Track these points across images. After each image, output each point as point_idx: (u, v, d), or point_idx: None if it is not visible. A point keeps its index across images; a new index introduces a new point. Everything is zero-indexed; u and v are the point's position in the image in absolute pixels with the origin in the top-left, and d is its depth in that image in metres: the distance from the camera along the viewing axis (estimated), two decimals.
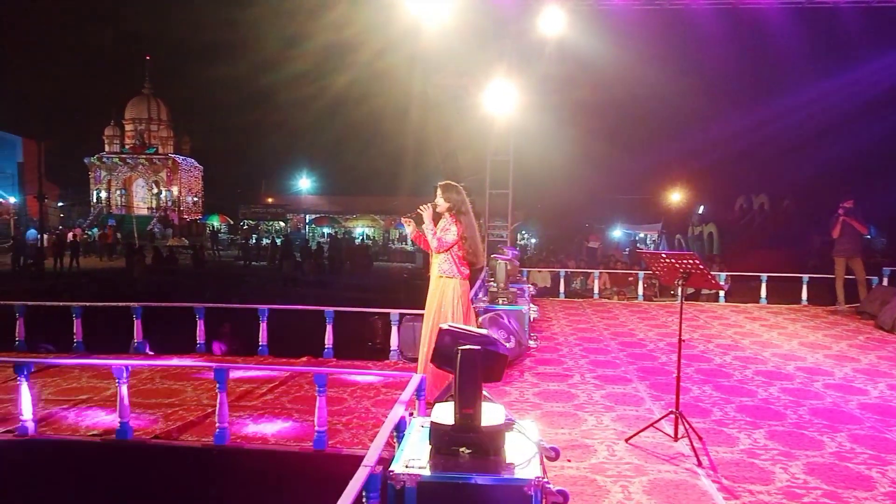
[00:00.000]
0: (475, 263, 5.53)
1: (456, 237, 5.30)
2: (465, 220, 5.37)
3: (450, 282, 5.37)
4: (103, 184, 42.55)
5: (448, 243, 5.31)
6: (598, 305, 11.25)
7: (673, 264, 4.49)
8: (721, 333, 8.54)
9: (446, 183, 5.44)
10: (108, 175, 42.51)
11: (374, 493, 2.92)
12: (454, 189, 5.40)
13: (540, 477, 2.62)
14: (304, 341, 7.84)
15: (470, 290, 5.67)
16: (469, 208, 5.46)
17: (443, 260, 5.37)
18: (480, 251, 5.55)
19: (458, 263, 5.38)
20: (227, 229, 40.48)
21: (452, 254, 5.35)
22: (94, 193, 42.62)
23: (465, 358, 2.73)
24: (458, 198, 5.38)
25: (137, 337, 7.78)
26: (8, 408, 5.68)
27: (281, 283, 22.41)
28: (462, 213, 5.36)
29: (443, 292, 5.37)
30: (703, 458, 4.15)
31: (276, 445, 4.90)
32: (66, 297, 12.57)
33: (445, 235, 5.31)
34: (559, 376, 6.32)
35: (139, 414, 5.41)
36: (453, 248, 5.33)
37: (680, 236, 26.56)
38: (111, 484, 5.04)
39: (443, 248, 5.32)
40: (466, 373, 2.74)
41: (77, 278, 22.25)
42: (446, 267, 5.37)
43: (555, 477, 3.79)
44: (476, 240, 5.47)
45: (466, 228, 5.35)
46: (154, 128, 43.22)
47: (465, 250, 5.37)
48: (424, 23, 10.72)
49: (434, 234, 5.33)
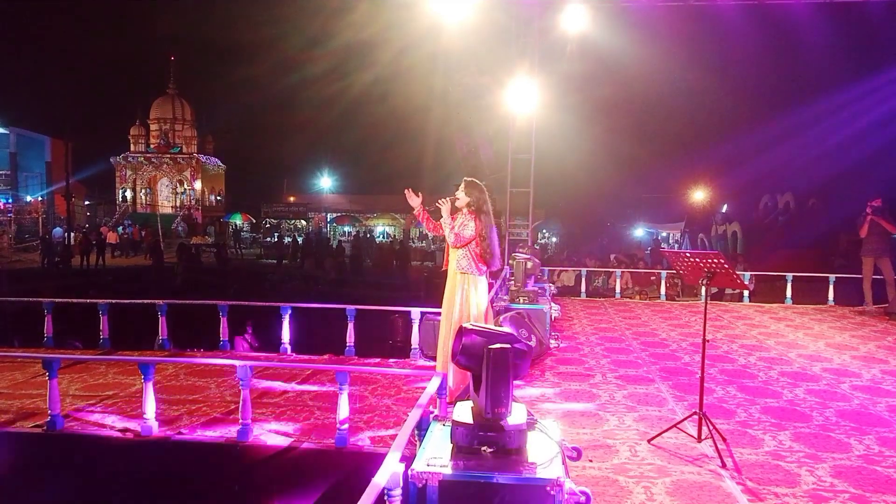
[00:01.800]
0: (491, 265, 5.51)
1: (474, 233, 5.32)
2: (485, 219, 5.39)
3: (469, 277, 5.39)
4: (129, 183, 43.21)
5: (465, 238, 5.33)
6: (619, 305, 11.17)
7: (697, 263, 4.44)
8: (745, 334, 8.43)
9: (471, 180, 5.47)
10: (133, 174, 43.17)
11: (395, 490, 2.93)
12: (477, 187, 5.42)
13: (562, 477, 2.61)
14: (325, 339, 7.89)
15: (489, 289, 5.61)
16: (490, 209, 5.47)
17: (461, 256, 5.39)
18: (497, 253, 5.53)
19: (476, 260, 5.39)
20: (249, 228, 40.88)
21: (470, 250, 5.37)
22: (120, 192, 43.29)
23: (495, 357, 2.72)
24: (481, 196, 5.39)
25: (162, 334, 7.89)
26: (37, 402, 5.80)
27: (302, 282, 22.57)
28: (482, 212, 5.38)
29: (462, 288, 5.39)
30: (728, 460, 4.10)
31: (298, 442, 4.94)
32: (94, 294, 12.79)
33: (463, 231, 5.33)
34: (581, 376, 6.28)
35: (164, 410, 5.49)
36: (471, 244, 5.35)
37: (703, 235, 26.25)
38: (136, 478, 5.12)
39: (460, 243, 5.34)
40: (497, 372, 2.73)
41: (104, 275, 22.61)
42: (465, 263, 5.39)
43: (577, 477, 3.77)
44: (493, 241, 5.46)
45: (485, 227, 5.36)
46: (178, 127, 43.78)
47: (483, 248, 5.36)
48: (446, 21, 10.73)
49: (451, 228, 5.35)
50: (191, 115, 44.41)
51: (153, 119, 43.91)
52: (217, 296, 10.26)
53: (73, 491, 5.11)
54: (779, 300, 11.09)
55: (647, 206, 36.47)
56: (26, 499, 5.18)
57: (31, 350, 7.74)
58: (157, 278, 22.16)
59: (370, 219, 44.52)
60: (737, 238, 23.48)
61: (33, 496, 5.17)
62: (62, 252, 24.31)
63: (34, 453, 5.24)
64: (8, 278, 20.08)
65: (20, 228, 33.45)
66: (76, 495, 5.10)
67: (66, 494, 5.11)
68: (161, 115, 43.81)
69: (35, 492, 5.17)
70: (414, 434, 3.52)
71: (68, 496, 5.10)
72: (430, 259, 29.15)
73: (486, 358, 2.74)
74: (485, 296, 5.51)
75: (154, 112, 43.93)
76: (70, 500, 5.10)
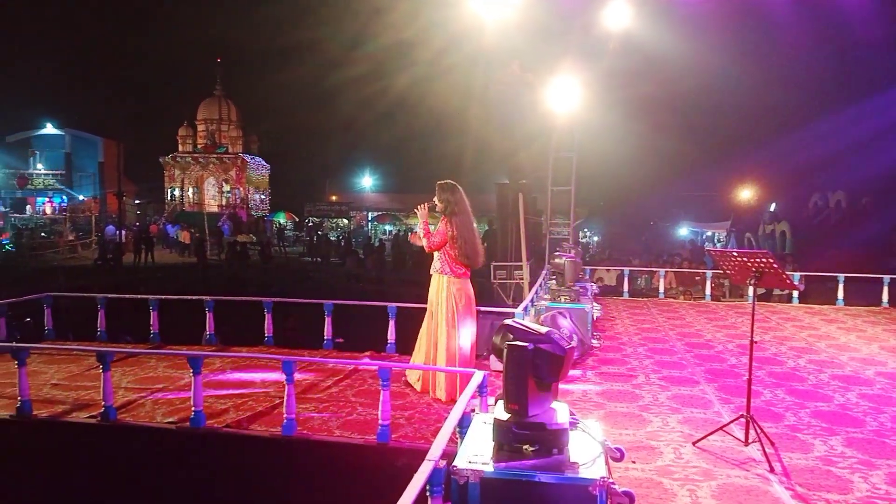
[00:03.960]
0: (472, 264, 5.62)
1: (443, 237, 5.48)
2: (458, 220, 5.49)
3: (443, 278, 5.60)
4: (177, 182, 44.29)
5: (435, 243, 5.52)
6: (663, 305, 10.99)
7: (745, 263, 4.34)
8: (794, 336, 8.21)
9: (443, 182, 5.59)
10: (181, 173, 44.21)
11: (437, 487, 2.95)
12: (448, 188, 5.54)
13: (605, 477, 2.59)
14: (367, 336, 7.96)
15: (470, 288, 5.74)
16: (465, 208, 5.54)
17: (437, 258, 5.63)
18: (478, 251, 5.64)
19: (450, 261, 5.54)
20: (292, 226, 41.48)
21: (444, 252, 5.55)
22: (169, 191, 44.39)
23: (537, 356, 2.72)
24: (452, 198, 5.50)
25: (209, 329, 8.08)
26: (91, 394, 6.01)
27: (344, 279, 22.82)
28: (455, 214, 5.49)
29: (437, 289, 5.63)
30: (776, 464, 4.01)
31: (341, 437, 5.01)
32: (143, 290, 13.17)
33: (434, 237, 5.53)
34: (623, 376, 6.21)
35: (211, 403, 5.62)
36: (444, 246, 5.52)
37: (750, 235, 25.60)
38: (184, 469, 5.26)
39: (431, 248, 5.56)
40: (538, 371, 2.72)
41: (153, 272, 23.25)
42: (438, 265, 5.62)
43: (619, 478, 3.73)
44: (472, 240, 5.55)
45: (458, 228, 5.46)
46: (224, 128, 44.62)
47: (457, 250, 5.48)
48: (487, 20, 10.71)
49: (424, 235, 5.58)
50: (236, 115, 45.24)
51: (200, 120, 44.85)
52: (261, 292, 10.46)
53: (124, 479, 5.28)
54: (830, 302, 10.75)
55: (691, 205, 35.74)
56: (81, 485, 5.37)
57: (85, 343, 8.01)
58: (203, 276, 22.69)
59: (411, 217, 44.65)
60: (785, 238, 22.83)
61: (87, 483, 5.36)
62: (114, 249, 25.08)
63: (89, 442, 5.44)
64: (64, 274, 20.83)
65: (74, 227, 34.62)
66: (127, 483, 5.27)
67: (118, 482, 5.29)
68: (208, 116, 44.73)
69: (89, 479, 5.36)
70: (455, 431, 3.54)
71: (120, 484, 5.28)
72: None
73: (527, 357, 2.73)
74: (462, 296, 5.59)
75: (201, 113, 44.88)
76: (121, 487, 5.27)
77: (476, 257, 5.63)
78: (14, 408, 5.57)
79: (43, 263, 25.58)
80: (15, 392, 5.65)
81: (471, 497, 2.67)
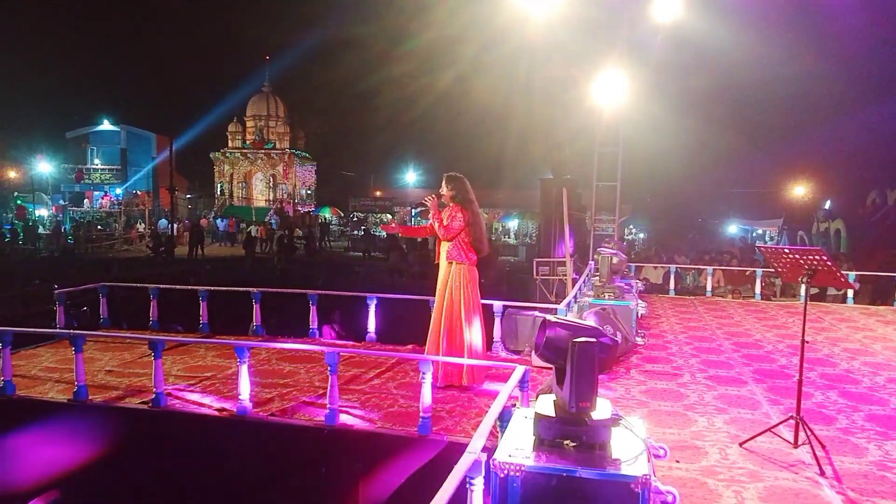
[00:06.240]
0: (480, 251, 5.82)
1: (462, 223, 5.64)
2: (471, 208, 5.69)
3: (459, 266, 5.73)
4: (226, 177, 45.29)
5: (454, 230, 5.65)
6: (710, 303, 10.75)
7: (797, 260, 4.21)
8: (848, 337, 7.93)
9: (452, 174, 5.78)
10: (230, 169, 45.20)
11: (477, 479, 2.95)
12: (458, 179, 5.74)
13: (648, 475, 2.55)
14: (409, 329, 8.01)
15: (478, 276, 5.92)
16: (473, 198, 5.75)
17: (451, 246, 5.72)
18: (485, 239, 5.92)
19: (466, 249, 5.72)
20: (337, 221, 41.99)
21: (460, 240, 5.69)
22: (219, 186, 45.43)
23: (580, 350, 2.69)
24: (463, 187, 5.71)
25: (256, 320, 8.25)
26: (143, 381, 6.21)
27: (387, 274, 23.01)
28: (467, 202, 5.69)
29: (452, 276, 5.72)
30: (827, 468, 3.89)
31: (383, 428, 5.06)
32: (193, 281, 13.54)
33: (452, 223, 5.65)
34: (668, 375, 6.11)
35: (257, 392, 5.75)
36: (460, 234, 5.66)
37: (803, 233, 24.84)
38: (230, 456, 5.40)
39: (450, 235, 5.66)
40: (582, 366, 2.70)
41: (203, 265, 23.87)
42: (454, 253, 5.73)
43: (663, 477, 3.68)
44: (481, 228, 5.82)
45: (472, 216, 5.68)
46: (272, 124, 45.42)
47: (472, 237, 5.69)
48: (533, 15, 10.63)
49: (441, 224, 5.67)
50: (284, 111, 46.01)
51: (249, 116, 45.75)
52: (306, 286, 10.64)
53: (173, 464, 5.45)
54: (887, 302, 10.36)
55: (741, 202, 34.81)
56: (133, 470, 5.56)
57: (138, 332, 8.28)
58: (251, 268, 23.20)
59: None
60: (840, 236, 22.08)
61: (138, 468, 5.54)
62: (166, 242, 25.83)
63: (141, 428, 5.63)
64: (118, 266, 21.57)
65: (129, 220, 35.78)
66: (176, 468, 5.43)
67: (167, 467, 5.46)
68: (256, 113, 45.58)
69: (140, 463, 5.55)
70: (496, 425, 3.54)
71: (169, 469, 5.45)
72: (513, 253, 28.99)
73: (570, 351, 2.71)
74: (475, 284, 5.81)
75: (250, 109, 45.76)
76: (170, 472, 5.43)
77: (484, 245, 5.89)
78: (71, 392, 5.80)
79: (99, 255, 26.54)
80: (72, 377, 5.88)
81: (511, 491, 2.67)
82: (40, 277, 16.70)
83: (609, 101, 11.56)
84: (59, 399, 5.90)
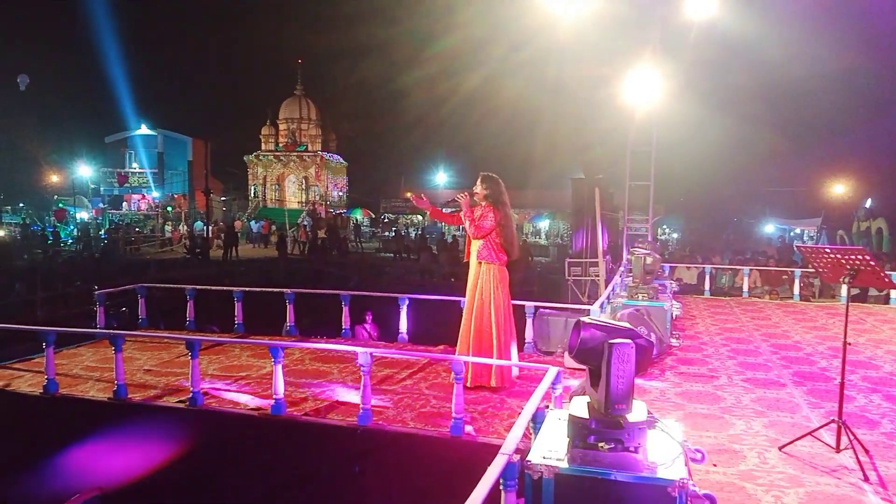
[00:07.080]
0: (511, 254, 5.82)
1: (493, 223, 5.64)
2: (503, 210, 5.71)
3: (489, 266, 5.73)
4: (259, 179, 45.93)
5: (486, 229, 5.65)
6: (747, 304, 10.54)
7: (839, 260, 4.10)
8: (892, 339, 7.70)
9: (487, 174, 5.78)
10: (263, 171, 45.83)
11: (511, 481, 2.94)
12: (494, 180, 5.74)
13: (685, 479, 2.52)
14: (440, 330, 8.01)
15: (508, 277, 5.90)
16: (507, 200, 5.77)
17: (482, 246, 5.72)
18: (516, 243, 5.92)
19: (497, 250, 5.72)
20: (368, 222, 42.27)
21: (490, 240, 5.69)
22: (252, 188, 46.11)
23: (615, 352, 2.66)
24: (497, 188, 5.73)
25: (290, 321, 8.34)
26: (180, 380, 6.33)
27: (418, 274, 23.07)
28: (500, 203, 5.69)
29: (482, 277, 5.73)
30: (871, 473, 3.78)
31: (415, 429, 5.07)
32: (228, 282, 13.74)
33: (483, 222, 5.66)
34: (704, 377, 6.01)
35: (291, 392, 5.81)
36: (491, 234, 5.66)
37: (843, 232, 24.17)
38: (265, 453, 5.46)
39: (480, 234, 5.66)
40: (617, 367, 2.67)
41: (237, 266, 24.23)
42: (485, 253, 5.73)
43: (700, 481, 3.60)
44: (512, 231, 5.82)
45: (504, 217, 5.69)
46: (305, 126, 45.92)
47: (503, 238, 5.70)
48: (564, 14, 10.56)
49: (472, 221, 5.68)
50: (316, 114, 46.48)
51: (282, 119, 46.32)
52: (339, 286, 10.72)
53: (209, 462, 5.53)
54: None
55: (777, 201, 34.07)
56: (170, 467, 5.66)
57: (175, 332, 8.44)
58: (284, 269, 23.47)
59: None
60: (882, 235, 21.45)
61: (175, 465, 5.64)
62: (202, 244, 26.29)
63: (177, 426, 5.73)
64: (156, 267, 22.02)
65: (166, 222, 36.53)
66: (212, 466, 5.52)
67: (203, 465, 5.54)
68: (289, 115, 46.13)
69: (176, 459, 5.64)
70: (529, 427, 3.52)
71: (205, 466, 5.53)
72: (544, 254, 28.81)
73: (606, 352, 2.68)
74: (506, 284, 5.80)
75: (283, 112, 46.34)
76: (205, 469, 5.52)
77: (515, 248, 5.89)
78: (111, 391, 5.94)
79: (137, 256, 27.14)
80: (112, 376, 6.02)
81: (545, 493, 2.65)
82: (81, 278, 17.16)
83: (642, 100, 11.42)
84: (100, 398, 6.05)
